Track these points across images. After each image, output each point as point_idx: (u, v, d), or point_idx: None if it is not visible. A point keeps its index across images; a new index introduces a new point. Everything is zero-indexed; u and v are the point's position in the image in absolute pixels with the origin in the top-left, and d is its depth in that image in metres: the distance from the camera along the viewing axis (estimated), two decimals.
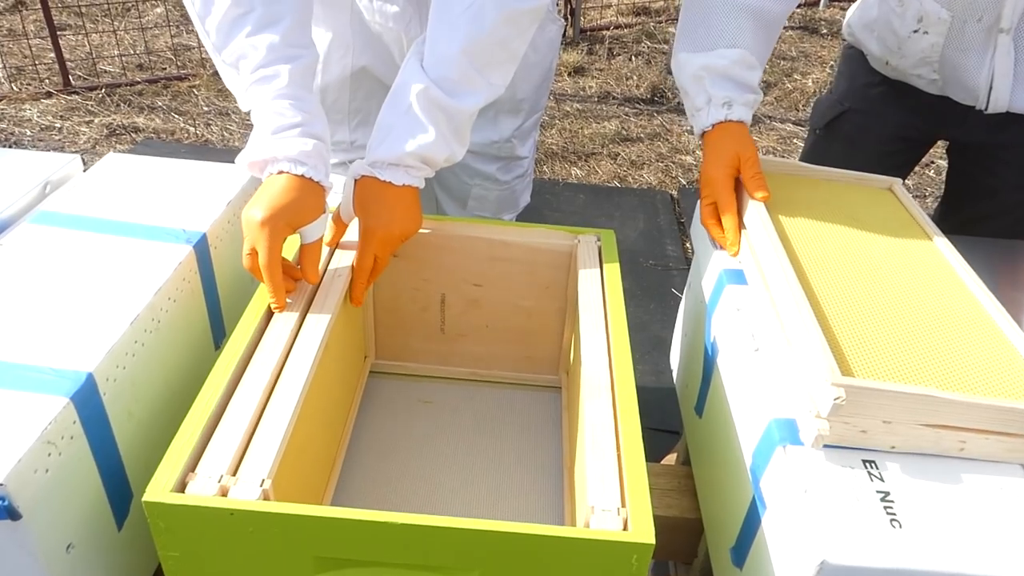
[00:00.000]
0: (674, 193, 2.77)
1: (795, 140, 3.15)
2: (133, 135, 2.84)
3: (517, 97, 1.21)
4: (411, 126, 0.86)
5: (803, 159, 1.43)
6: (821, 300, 0.79)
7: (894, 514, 0.62)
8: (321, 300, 0.83)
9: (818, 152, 1.37)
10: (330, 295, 0.84)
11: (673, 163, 2.95)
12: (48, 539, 0.64)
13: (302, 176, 0.82)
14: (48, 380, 0.67)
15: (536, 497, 0.95)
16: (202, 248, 0.88)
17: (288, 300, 0.81)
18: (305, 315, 0.81)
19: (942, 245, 0.92)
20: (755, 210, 0.92)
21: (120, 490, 0.75)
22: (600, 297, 0.90)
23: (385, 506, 0.90)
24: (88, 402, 0.68)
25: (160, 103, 3.08)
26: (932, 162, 2.99)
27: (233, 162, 0.87)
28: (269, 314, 0.81)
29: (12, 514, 0.60)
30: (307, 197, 0.82)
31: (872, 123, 1.28)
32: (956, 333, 0.77)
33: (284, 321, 0.79)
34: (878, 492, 0.64)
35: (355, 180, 0.89)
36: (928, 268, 0.88)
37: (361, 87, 1.18)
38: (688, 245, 2.44)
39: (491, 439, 1.03)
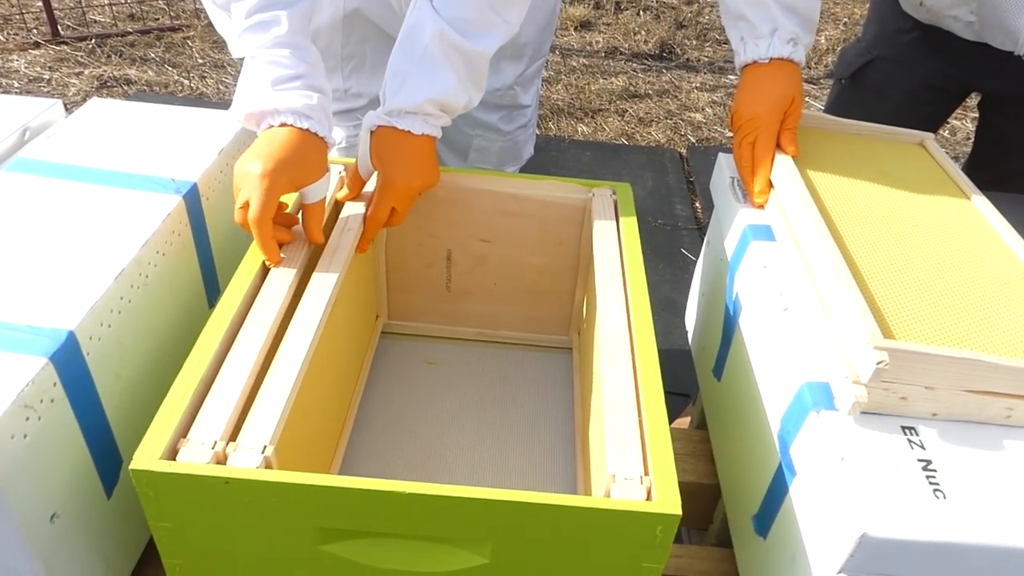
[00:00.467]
0: (683, 151, 2.70)
1: (807, 98, 3.06)
2: (125, 87, 2.76)
3: (519, 41, 1.15)
4: (428, 71, 0.80)
5: (827, 111, 1.36)
6: (855, 259, 0.74)
7: (937, 484, 0.58)
8: (329, 256, 0.77)
9: (843, 103, 1.30)
10: (339, 251, 0.78)
11: (682, 121, 2.87)
12: (30, 508, 0.60)
13: (306, 130, 0.76)
14: (25, 339, 0.62)
15: (547, 462, 0.91)
16: (193, 199, 0.82)
17: (283, 255, 0.75)
18: (306, 271, 0.76)
19: (979, 203, 0.87)
20: (783, 163, 0.86)
21: (108, 456, 0.70)
22: (617, 254, 0.85)
23: (390, 473, 0.86)
24: (70, 363, 0.63)
25: (153, 55, 2.98)
26: (948, 122, 2.91)
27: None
28: (266, 270, 0.75)
29: None
30: (311, 153, 0.77)
31: (901, 72, 1.21)
32: (997, 295, 0.72)
33: (282, 277, 0.74)
34: (919, 461, 0.60)
35: (371, 131, 0.83)
36: (966, 226, 0.83)
37: (354, 31, 1.12)
38: (698, 204, 2.38)
39: (499, 402, 0.98)
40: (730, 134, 2.84)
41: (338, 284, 0.74)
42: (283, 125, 0.76)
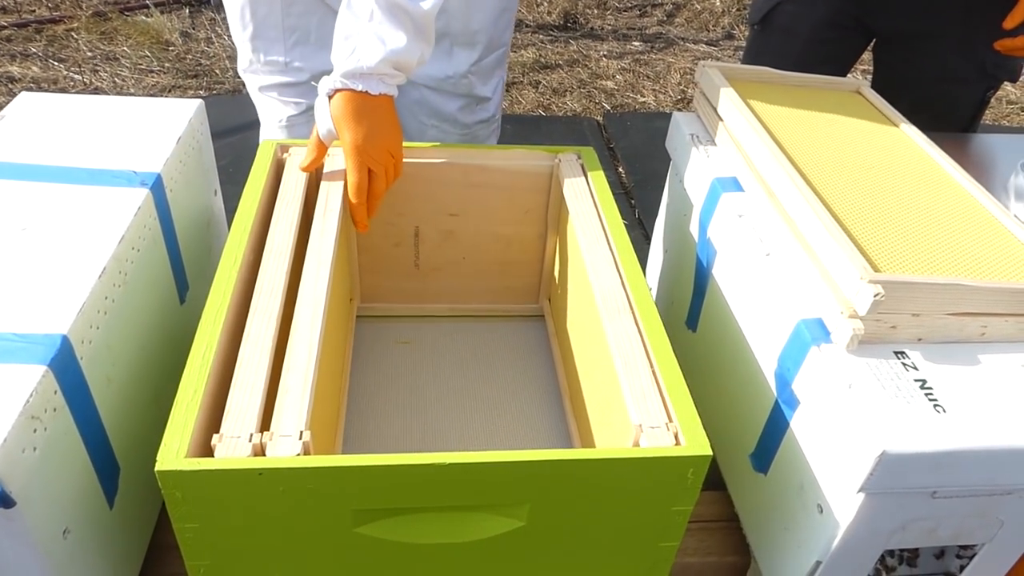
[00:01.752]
0: (599, 119, 2.74)
1: (710, 60, 3.15)
2: (9, 85, 2.56)
3: (471, 28, 1.13)
4: (378, 33, 0.80)
5: (745, 57, 1.42)
6: (828, 202, 0.78)
7: (936, 400, 0.63)
8: (318, 239, 0.75)
9: (757, 47, 1.37)
10: (326, 233, 0.76)
11: (595, 89, 2.91)
12: (43, 525, 0.57)
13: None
14: (19, 347, 0.58)
15: (537, 425, 0.92)
16: (159, 191, 0.78)
17: (274, 242, 0.73)
18: (295, 257, 0.74)
19: (921, 141, 0.93)
20: (742, 117, 0.89)
21: (108, 465, 0.67)
22: (596, 215, 0.87)
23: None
24: (67, 368, 0.60)
25: (34, 49, 2.78)
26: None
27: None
28: (249, 261, 0.73)
29: (5, 501, 0.52)
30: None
31: (805, 11, 1.29)
32: (955, 224, 0.78)
33: (276, 264, 0.71)
34: (916, 381, 0.64)
35: (328, 96, 0.82)
36: (914, 164, 0.88)
37: (296, 2, 1.08)
38: (622, 169, 2.43)
39: (479, 374, 0.99)
40: (643, 99, 2.90)
41: (332, 267, 0.73)
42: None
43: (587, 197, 0.90)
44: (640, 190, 2.31)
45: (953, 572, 0.82)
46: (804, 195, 0.76)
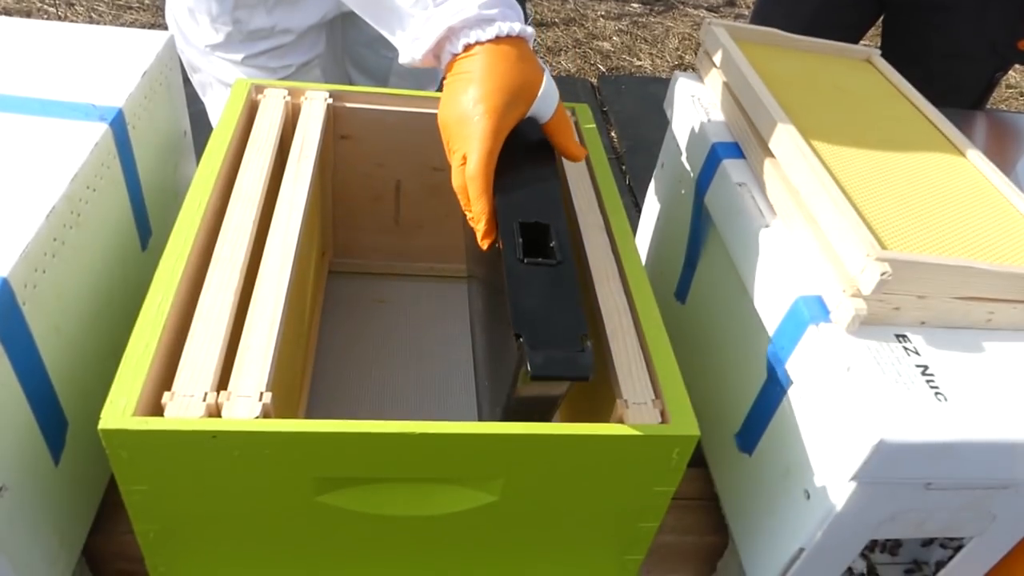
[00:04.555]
0: (594, 81, 2.68)
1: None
2: None
3: None
4: None
5: (753, 19, 1.37)
6: (835, 173, 0.73)
7: (937, 388, 0.59)
8: (291, 186, 0.70)
9: (766, 10, 1.33)
10: (299, 180, 0.71)
11: (591, 50, 2.83)
12: None
13: (497, 39, 0.61)
14: None
15: None
16: (119, 127, 0.73)
17: (243, 188, 0.68)
18: (265, 206, 0.68)
19: (933, 115, 0.88)
20: (747, 79, 0.84)
21: (54, 419, 0.62)
22: (587, 174, 0.82)
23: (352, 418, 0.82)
24: (6, 315, 0.55)
25: None
26: None
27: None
28: (215, 207, 0.68)
29: None
30: (518, 64, 0.61)
31: None
32: (966, 203, 0.74)
33: (242, 213, 0.66)
34: (917, 367, 0.61)
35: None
36: (925, 139, 0.84)
37: None
38: (614, 134, 2.38)
39: (456, 338, 0.95)
40: (639, 63, 2.83)
41: (305, 217, 0.68)
42: (467, 48, 0.61)
43: None
44: (632, 156, 2.27)
45: (933, 562, 0.79)
46: (810, 164, 0.71)
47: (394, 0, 0.63)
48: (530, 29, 0.64)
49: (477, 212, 0.59)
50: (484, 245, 0.60)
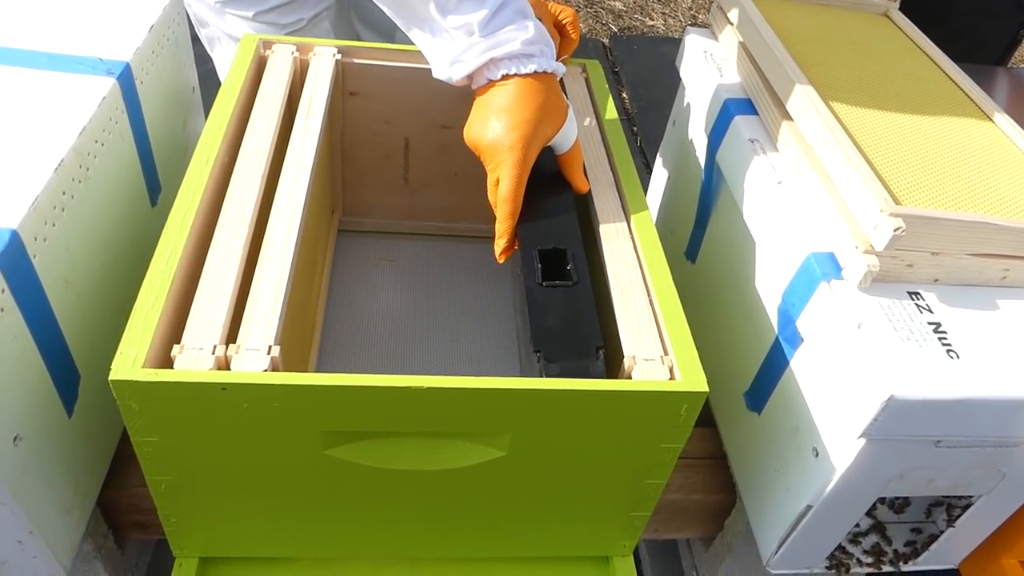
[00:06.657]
0: (606, 41, 2.63)
1: None
2: None
3: None
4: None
5: None
6: (849, 129, 0.72)
7: (949, 345, 0.59)
8: (299, 142, 0.69)
9: None
10: (308, 136, 0.70)
11: (602, 9, 2.78)
12: None
13: (534, 74, 0.64)
14: None
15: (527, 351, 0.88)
16: (127, 81, 0.72)
17: (251, 143, 0.67)
18: (274, 162, 0.68)
19: (952, 71, 0.86)
20: (761, 34, 0.83)
21: (66, 372, 0.63)
22: (599, 133, 0.81)
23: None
24: (17, 267, 0.55)
25: None
26: None
27: None
28: (224, 162, 0.67)
29: None
30: (549, 97, 0.65)
31: None
32: (982, 159, 0.73)
33: (252, 166, 0.66)
34: (929, 324, 0.60)
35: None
36: (943, 94, 0.82)
37: None
38: (625, 95, 2.35)
39: (466, 296, 0.95)
40: (651, 23, 2.78)
41: (313, 173, 0.67)
42: (505, 78, 0.64)
43: (590, 112, 0.84)
44: (643, 117, 2.24)
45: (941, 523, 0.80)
46: (824, 119, 0.70)
47: (434, 14, 0.63)
48: (561, 68, 0.68)
49: (502, 231, 0.66)
50: (500, 260, 0.67)
